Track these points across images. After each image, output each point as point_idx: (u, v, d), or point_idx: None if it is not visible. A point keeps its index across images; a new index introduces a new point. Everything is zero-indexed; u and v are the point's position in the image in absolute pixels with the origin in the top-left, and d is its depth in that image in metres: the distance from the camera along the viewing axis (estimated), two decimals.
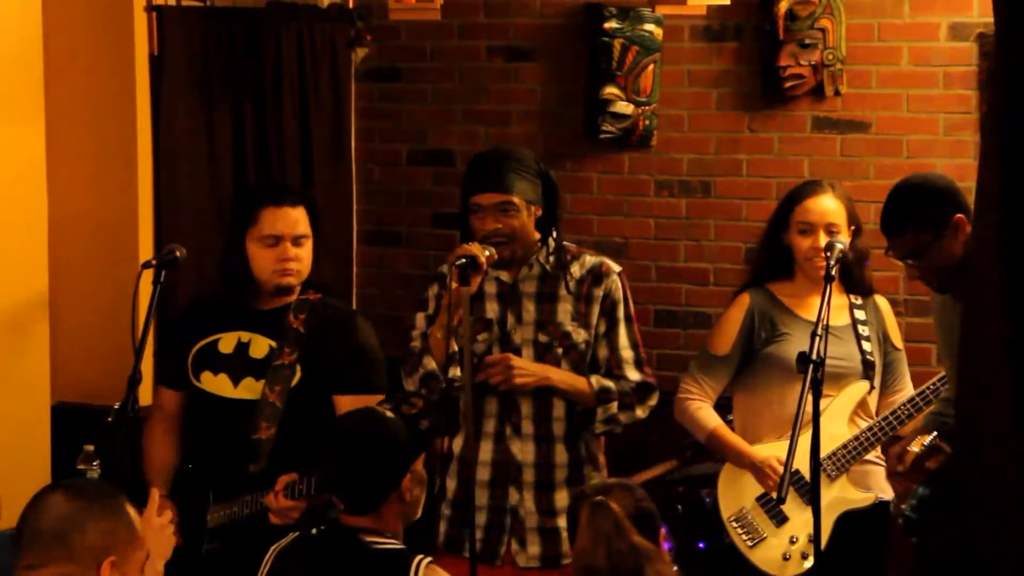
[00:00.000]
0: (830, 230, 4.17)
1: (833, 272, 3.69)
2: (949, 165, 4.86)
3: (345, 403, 3.83)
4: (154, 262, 3.86)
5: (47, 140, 4.54)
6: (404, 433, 3.26)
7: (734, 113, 5.11)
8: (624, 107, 5.10)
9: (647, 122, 5.12)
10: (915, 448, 3.75)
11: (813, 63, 4.96)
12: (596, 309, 3.87)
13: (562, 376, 3.85)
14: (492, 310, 3.87)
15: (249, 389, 3.92)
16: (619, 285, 3.91)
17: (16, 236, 4.42)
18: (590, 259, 3.92)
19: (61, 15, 4.75)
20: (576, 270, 3.89)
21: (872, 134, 4.99)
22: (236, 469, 3.86)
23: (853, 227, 4.22)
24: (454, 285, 3.60)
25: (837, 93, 4.99)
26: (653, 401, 3.94)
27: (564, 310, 3.86)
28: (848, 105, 5.00)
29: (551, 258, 3.87)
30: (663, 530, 3.17)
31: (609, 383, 3.86)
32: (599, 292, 3.88)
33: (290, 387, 3.90)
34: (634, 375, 3.89)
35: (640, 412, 3.91)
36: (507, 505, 3.84)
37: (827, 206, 4.20)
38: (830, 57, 4.94)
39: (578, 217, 5.22)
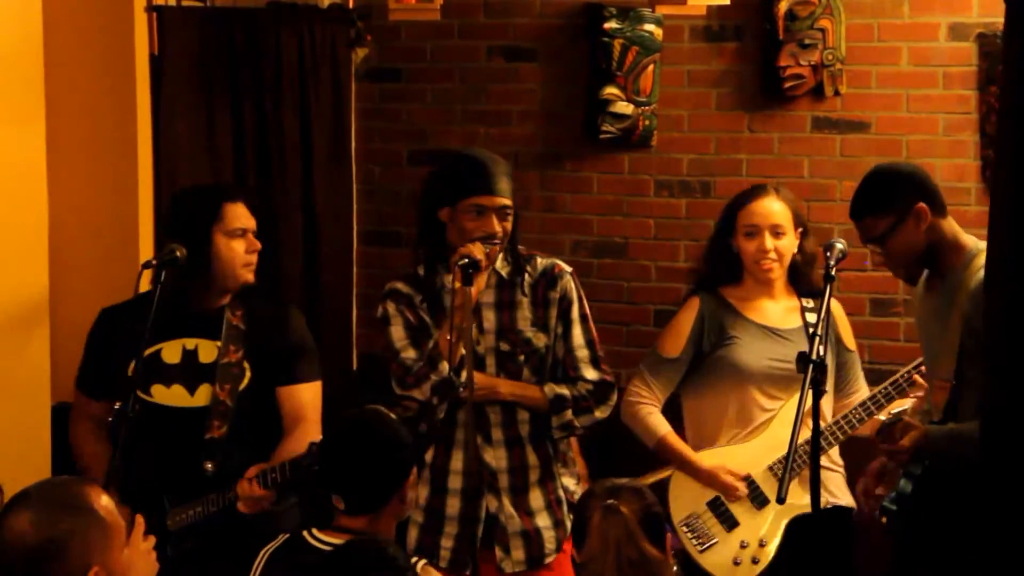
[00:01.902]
0: (776, 232, 4.18)
1: (833, 272, 3.69)
2: (949, 165, 4.87)
3: (285, 394, 3.93)
4: (154, 262, 3.86)
5: (47, 140, 4.53)
6: (407, 434, 3.27)
7: (734, 113, 5.11)
8: (624, 107, 5.10)
9: (647, 122, 5.12)
10: (882, 416, 3.76)
11: (813, 63, 4.96)
12: (554, 312, 3.87)
13: (511, 388, 3.84)
14: None
15: (207, 395, 3.92)
16: (572, 285, 3.91)
17: (16, 236, 4.41)
18: (541, 261, 3.92)
19: (61, 15, 4.75)
20: (529, 274, 3.88)
21: (872, 134, 4.99)
22: (192, 471, 3.86)
23: (800, 229, 4.23)
24: (457, 286, 3.60)
25: (837, 93, 4.98)
26: (612, 400, 3.93)
27: (523, 317, 3.86)
28: (848, 105, 5.00)
29: (508, 265, 3.88)
30: (669, 533, 3.18)
31: (563, 390, 3.85)
32: (554, 295, 3.87)
33: (240, 384, 3.91)
34: (591, 374, 3.88)
35: (599, 413, 3.89)
36: (480, 515, 3.83)
37: (771, 208, 4.20)
38: (830, 57, 4.94)
39: (578, 217, 5.22)
